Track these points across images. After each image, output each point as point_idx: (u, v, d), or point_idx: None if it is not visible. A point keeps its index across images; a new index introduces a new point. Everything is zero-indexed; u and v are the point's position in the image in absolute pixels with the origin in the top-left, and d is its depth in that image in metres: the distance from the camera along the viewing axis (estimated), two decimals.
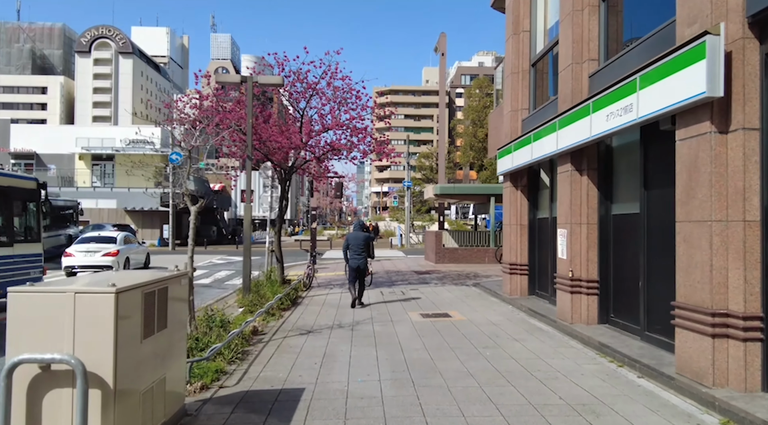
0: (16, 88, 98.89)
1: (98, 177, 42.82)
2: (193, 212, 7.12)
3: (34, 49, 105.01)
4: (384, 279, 15.90)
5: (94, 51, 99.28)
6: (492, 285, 13.18)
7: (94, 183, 42.13)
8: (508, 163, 10.99)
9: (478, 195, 20.96)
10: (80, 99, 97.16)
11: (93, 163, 42.82)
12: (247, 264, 11.34)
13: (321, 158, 12.93)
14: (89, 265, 18.12)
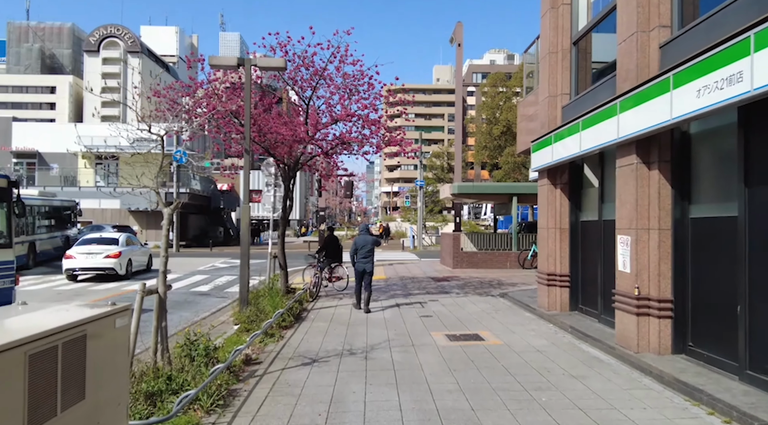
0: (25, 87, 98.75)
1: (102, 176, 41.66)
2: (167, 214, 5.67)
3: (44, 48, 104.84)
4: (399, 287, 14.40)
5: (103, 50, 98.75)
6: (522, 297, 11.63)
7: (97, 182, 40.95)
8: (546, 157, 9.45)
9: (499, 194, 19.41)
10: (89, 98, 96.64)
11: (96, 162, 41.65)
12: (245, 273, 9.90)
13: (329, 153, 11.46)
14: (91, 268, 17.17)
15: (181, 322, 10.46)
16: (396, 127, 11.87)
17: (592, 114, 7.58)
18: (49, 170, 40.58)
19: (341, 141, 11.08)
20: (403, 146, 11.10)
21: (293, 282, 14.21)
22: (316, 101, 11.55)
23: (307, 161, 11.85)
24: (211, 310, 11.84)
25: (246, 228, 9.95)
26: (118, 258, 17.52)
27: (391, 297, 12.55)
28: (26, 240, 20.16)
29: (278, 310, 9.06)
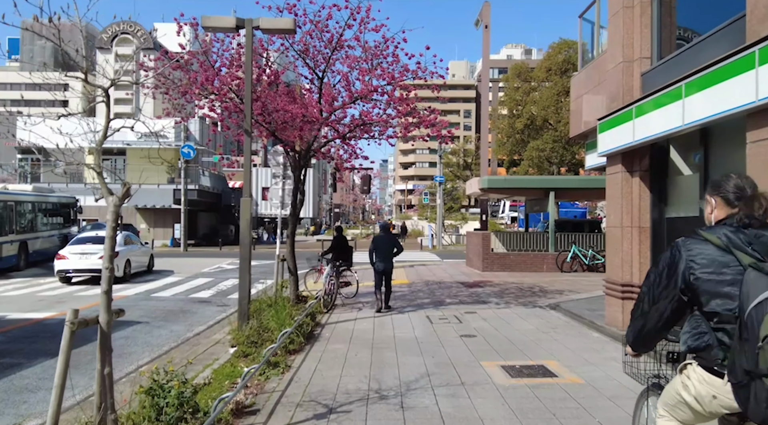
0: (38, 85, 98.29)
1: (108, 172, 40.27)
2: (112, 205, 3.84)
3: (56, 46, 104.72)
4: (425, 295, 12.50)
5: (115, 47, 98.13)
6: (579, 309, 9.66)
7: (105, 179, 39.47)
8: (621, 137, 7.48)
9: (534, 189, 17.42)
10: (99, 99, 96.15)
11: (103, 158, 40.24)
12: (246, 281, 8.08)
13: (347, 137, 9.59)
14: (85, 269, 15.69)
15: (169, 340, 8.69)
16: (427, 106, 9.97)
17: (704, 73, 5.62)
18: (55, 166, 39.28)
19: (362, 122, 9.20)
20: (438, 127, 9.17)
21: (304, 288, 12.39)
22: (331, 78, 9.72)
23: (320, 147, 10.00)
24: (208, 323, 10.06)
25: (246, 227, 8.13)
26: (115, 259, 15.88)
27: (418, 307, 10.66)
28: (16, 239, 18.60)
29: (285, 330, 7.22)
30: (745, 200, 2.27)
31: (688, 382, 2.31)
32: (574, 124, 10.25)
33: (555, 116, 35.53)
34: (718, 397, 2.18)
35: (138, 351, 7.95)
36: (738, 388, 2.04)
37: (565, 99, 35.71)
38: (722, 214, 2.34)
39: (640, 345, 2.52)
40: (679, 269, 2.25)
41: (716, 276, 2.17)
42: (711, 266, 2.18)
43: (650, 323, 2.38)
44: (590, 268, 16.88)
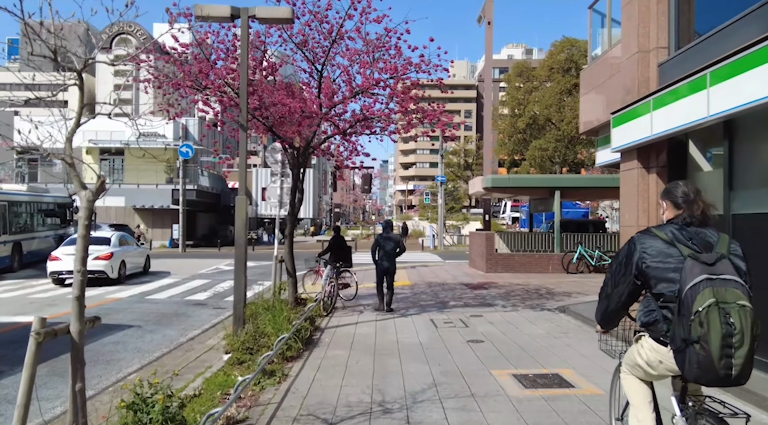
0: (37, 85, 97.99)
1: (106, 173, 39.86)
2: (85, 200, 3.44)
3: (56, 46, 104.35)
4: (429, 297, 12.10)
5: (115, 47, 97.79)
6: (591, 312, 9.19)
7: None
8: (638, 131, 7.07)
9: (539, 188, 17.02)
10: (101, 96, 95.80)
11: (101, 158, 39.88)
12: (241, 284, 7.69)
13: (347, 132, 9.18)
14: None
15: (161, 345, 8.28)
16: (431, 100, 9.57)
17: (732, 60, 5.21)
18: (52, 166, 38.90)
19: (363, 116, 8.79)
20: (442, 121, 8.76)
21: (302, 290, 11.99)
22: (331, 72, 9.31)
23: (320, 143, 9.60)
24: (203, 327, 9.66)
25: (242, 227, 7.73)
26: (109, 260, 15.55)
27: (422, 310, 10.25)
28: (10, 239, 18.20)
29: (282, 335, 6.81)
30: (688, 203, 2.72)
31: (641, 350, 2.81)
32: (584, 120, 9.84)
33: (558, 115, 35.15)
34: (663, 362, 2.68)
35: (127, 357, 7.55)
36: (677, 354, 2.50)
37: (567, 98, 35.35)
38: (671, 215, 2.80)
39: (607, 322, 3.02)
40: (634, 259, 2.70)
41: (662, 264, 2.62)
42: (659, 256, 2.63)
43: (612, 304, 2.85)
44: (597, 269, 16.47)
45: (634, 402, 2.95)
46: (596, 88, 9.19)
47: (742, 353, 2.34)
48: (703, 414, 2.62)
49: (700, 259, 2.49)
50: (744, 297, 2.41)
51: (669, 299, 2.59)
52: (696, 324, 2.37)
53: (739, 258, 2.58)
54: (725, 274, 2.45)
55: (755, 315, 2.38)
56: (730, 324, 2.34)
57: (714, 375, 2.39)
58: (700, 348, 2.37)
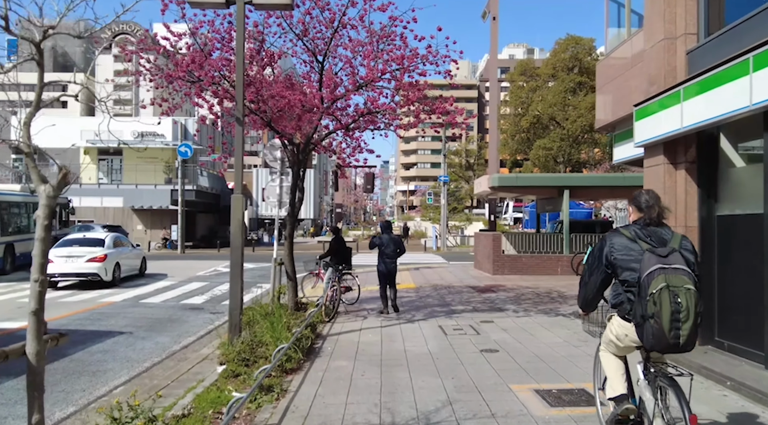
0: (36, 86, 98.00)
1: (105, 173, 39.35)
2: (44, 197, 2.91)
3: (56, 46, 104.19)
4: (435, 301, 11.56)
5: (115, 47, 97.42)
6: None
7: (100, 179, 38.65)
8: (670, 123, 6.54)
9: (547, 187, 16.48)
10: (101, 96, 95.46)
11: (99, 158, 39.36)
12: (237, 289, 7.16)
13: (350, 128, 8.66)
14: (71, 273, 14.90)
15: (152, 354, 7.76)
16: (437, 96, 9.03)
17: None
18: (50, 166, 38.39)
19: (367, 110, 8.27)
20: (453, 115, 8.24)
21: (302, 294, 11.47)
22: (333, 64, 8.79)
23: (321, 139, 9.07)
24: (198, 333, 9.14)
25: (238, 228, 7.20)
26: (103, 262, 15.07)
27: (429, 315, 9.72)
28: (2, 241, 17.70)
29: (281, 345, 6.29)
30: (648, 208, 3.29)
31: (612, 327, 3.43)
32: (601, 115, 9.31)
33: (562, 114, 34.61)
34: (628, 335, 3.26)
35: (115, 368, 7.03)
36: (637, 327, 3.09)
37: (572, 96, 34.83)
38: (635, 217, 3.39)
39: (587, 306, 3.67)
40: (605, 252, 3.33)
41: (627, 256, 3.23)
42: (624, 250, 3.24)
43: (590, 290, 3.51)
44: None
45: (609, 374, 3.58)
46: (614, 81, 8.66)
47: (687, 326, 2.93)
48: (659, 376, 3.22)
49: (655, 252, 3.08)
50: (690, 282, 2.97)
51: (631, 284, 3.20)
52: (651, 303, 2.96)
53: (688, 252, 3.17)
54: (675, 264, 3.02)
55: (698, 296, 2.95)
56: (677, 303, 2.92)
57: (666, 344, 2.97)
58: (654, 323, 2.95)
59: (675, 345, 2.98)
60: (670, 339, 2.95)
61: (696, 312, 2.95)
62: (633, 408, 3.40)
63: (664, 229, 3.31)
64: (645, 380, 3.34)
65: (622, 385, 3.48)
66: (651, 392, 3.27)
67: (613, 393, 3.49)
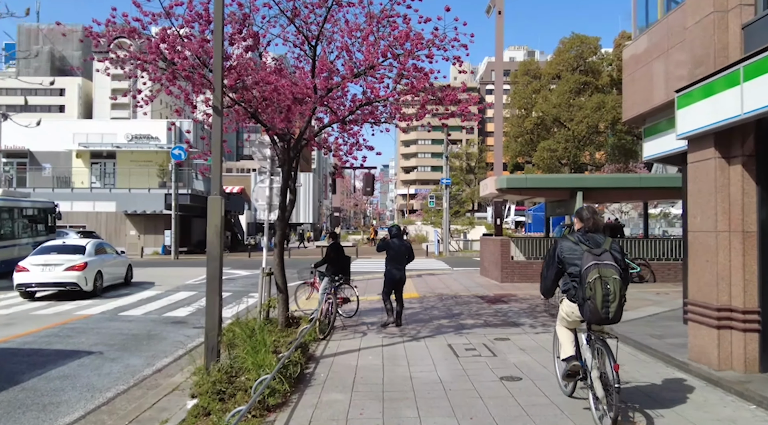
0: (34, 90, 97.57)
1: (97, 177, 38.32)
2: None
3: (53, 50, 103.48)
4: (441, 313, 10.53)
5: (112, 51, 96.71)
6: (642, 335, 7.66)
7: (93, 183, 37.62)
8: (725, 109, 5.51)
9: (559, 189, 15.46)
10: (98, 100, 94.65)
11: (92, 162, 38.32)
12: (214, 309, 6.15)
13: (346, 120, 7.64)
14: (49, 283, 13.88)
15: (119, 380, 6.73)
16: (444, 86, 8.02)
17: None
18: (42, 170, 37.38)
19: (366, 100, 7.25)
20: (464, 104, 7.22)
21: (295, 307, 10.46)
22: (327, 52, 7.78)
23: (315, 134, 8.05)
24: (176, 353, 8.11)
25: (215, 235, 6.18)
26: (83, 271, 14.05)
27: (436, 331, 8.68)
28: None
29: (264, 375, 5.25)
30: (588, 220, 4.62)
31: (563, 307, 4.81)
32: (629, 106, 8.29)
33: (567, 114, 33.63)
34: (574, 312, 4.57)
35: (72, 398, 6.00)
36: (580, 307, 4.38)
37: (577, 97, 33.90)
38: (579, 226, 4.68)
39: (547, 293, 4.98)
40: (556, 253, 4.65)
41: (572, 255, 4.51)
42: (569, 251, 4.54)
43: (548, 281, 4.83)
44: None
45: (562, 341, 4.89)
46: (646, 66, 7.64)
47: (614, 305, 4.18)
48: (596, 341, 4.45)
49: (592, 252, 4.35)
50: (616, 274, 4.22)
51: (575, 276, 4.44)
52: (588, 289, 4.21)
53: (616, 252, 4.41)
54: (606, 261, 4.27)
55: (622, 283, 4.22)
56: (607, 289, 4.17)
57: (599, 318, 4.25)
58: (591, 303, 4.21)
59: (606, 319, 4.19)
60: (602, 314, 4.16)
61: (621, 295, 4.16)
62: (578, 365, 4.65)
63: (599, 235, 4.52)
64: (587, 344, 4.61)
65: (572, 349, 4.77)
66: (590, 352, 4.52)
67: (565, 355, 4.79)
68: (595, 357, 4.41)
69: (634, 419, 4.62)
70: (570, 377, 4.77)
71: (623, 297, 4.19)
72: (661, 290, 13.42)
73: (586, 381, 4.60)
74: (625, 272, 4.30)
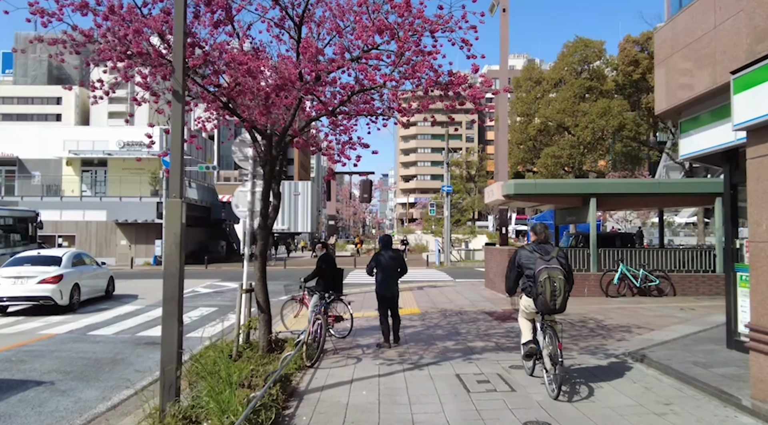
0: (31, 98, 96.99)
1: (88, 185, 37.21)
2: None
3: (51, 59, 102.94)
4: (447, 333, 9.37)
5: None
6: (685, 364, 6.52)
7: (83, 192, 36.50)
8: None
9: (571, 195, 14.36)
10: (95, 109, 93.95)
11: (83, 169, 37.23)
12: (172, 339, 5.01)
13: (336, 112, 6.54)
14: (20, 297, 12.91)
15: (63, 420, 5.59)
16: None
17: None
18: (31, 178, 36.28)
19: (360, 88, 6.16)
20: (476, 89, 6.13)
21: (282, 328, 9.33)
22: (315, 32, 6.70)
23: (301, 129, 6.95)
24: (139, 385, 6.92)
25: (173, 246, 5.06)
26: (58, 284, 12.98)
27: (441, 356, 7.53)
28: None
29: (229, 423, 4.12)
30: (539, 233, 5.94)
31: (522, 301, 6.04)
32: (662, 96, 7.20)
33: (572, 120, 32.58)
34: (530, 305, 5.80)
35: None
36: (534, 301, 5.62)
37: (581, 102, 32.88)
38: (534, 238, 5.96)
39: (510, 291, 6.16)
40: (516, 259, 5.90)
41: (528, 261, 5.73)
42: (525, 257, 5.77)
43: (510, 281, 6.08)
44: (642, 292, 13.76)
45: (523, 329, 6.23)
46: (687, 47, 6.56)
47: (560, 299, 5.47)
48: (547, 327, 5.73)
49: (543, 258, 5.60)
50: (561, 275, 5.48)
51: (531, 277, 5.65)
52: (540, 286, 5.47)
53: (562, 258, 5.68)
54: (553, 265, 5.52)
55: (566, 281, 5.51)
56: (554, 286, 5.44)
57: (549, 309, 5.53)
58: (542, 297, 5.47)
59: (554, 309, 5.57)
60: (551, 306, 5.52)
61: (565, 290, 5.54)
62: (534, 347, 5.97)
63: (549, 245, 5.91)
64: (541, 330, 5.89)
65: (531, 335, 6.12)
66: (543, 336, 5.82)
67: (524, 340, 6.15)
68: (546, 340, 5.70)
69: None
70: (528, 357, 6.12)
71: (567, 293, 5.55)
72: (685, 305, 12.28)
73: (541, 360, 5.86)
74: (569, 274, 5.60)
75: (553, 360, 5.51)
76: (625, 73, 32.53)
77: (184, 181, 5.15)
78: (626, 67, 32.04)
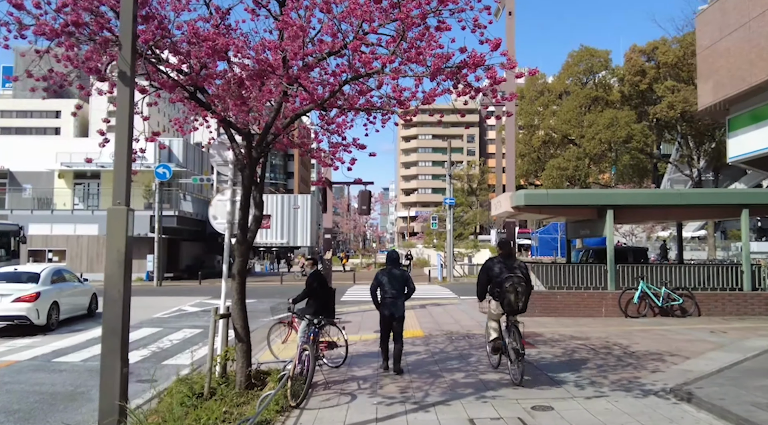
0: (30, 112, 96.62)
1: (80, 198, 36.26)
2: None
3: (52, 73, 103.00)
4: (454, 359, 8.27)
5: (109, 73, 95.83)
6: (740, 404, 5.42)
7: (75, 205, 35.52)
8: None
9: (584, 207, 13.31)
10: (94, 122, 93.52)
11: (75, 182, 36.31)
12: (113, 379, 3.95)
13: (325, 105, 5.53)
14: None
15: None
16: None
17: None
18: (22, 191, 35.33)
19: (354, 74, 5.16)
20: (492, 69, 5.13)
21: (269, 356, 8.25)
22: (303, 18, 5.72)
23: (285, 126, 5.93)
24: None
25: (115, 263, 4.02)
26: (34, 302, 12.06)
27: (450, 393, 6.42)
28: None
29: None
30: (504, 247, 7.24)
31: (491, 305, 7.19)
32: (709, 88, 6.21)
33: (577, 131, 31.70)
34: (498, 308, 7.00)
35: None
36: (501, 303, 6.85)
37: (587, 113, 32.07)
38: (500, 252, 7.20)
39: (481, 297, 7.32)
40: (486, 268, 7.15)
41: (495, 271, 6.96)
42: (494, 268, 7.01)
43: (481, 288, 7.19)
44: (664, 312, 12.65)
45: (491, 328, 7.26)
46: (743, 28, 5.58)
47: (521, 302, 6.66)
48: (511, 325, 6.76)
49: (507, 268, 6.79)
50: (523, 282, 6.64)
51: (497, 284, 6.72)
52: (505, 291, 6.59)
53: (523, 268, 6.89)
54: (516, 273, 6.69)
55: (526, 287, 6.64)
56: (517, 291, 6.58)
57: (513, 310, 6.69)
58: (507, 300, 6.60)
59: (517, 310, 6.68)
60: (515, 307, 6.63)
61: (526, 294, 6.66)
62: (500, 342, 7.01)
63: (511, 259, 7.05)
64: (506, 328, 6.88)
65: (497, 333, 7.10)
66: (507, 333, 6.83)
67: (491, 337, 7.22)
68: (511, 337, 6.76)
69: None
70: (495, 351, 7.21)
71: (527, 296, 6.71)
72: (714, 327, 11.16)
73: (506, 354, 6.86)
74: (527, 282, 6.72)
75: (517, 353, 6.63)
76: (631, 83, 31.73)
77: (130, 184, 4.14)
78: (633, 76, 31.27)
